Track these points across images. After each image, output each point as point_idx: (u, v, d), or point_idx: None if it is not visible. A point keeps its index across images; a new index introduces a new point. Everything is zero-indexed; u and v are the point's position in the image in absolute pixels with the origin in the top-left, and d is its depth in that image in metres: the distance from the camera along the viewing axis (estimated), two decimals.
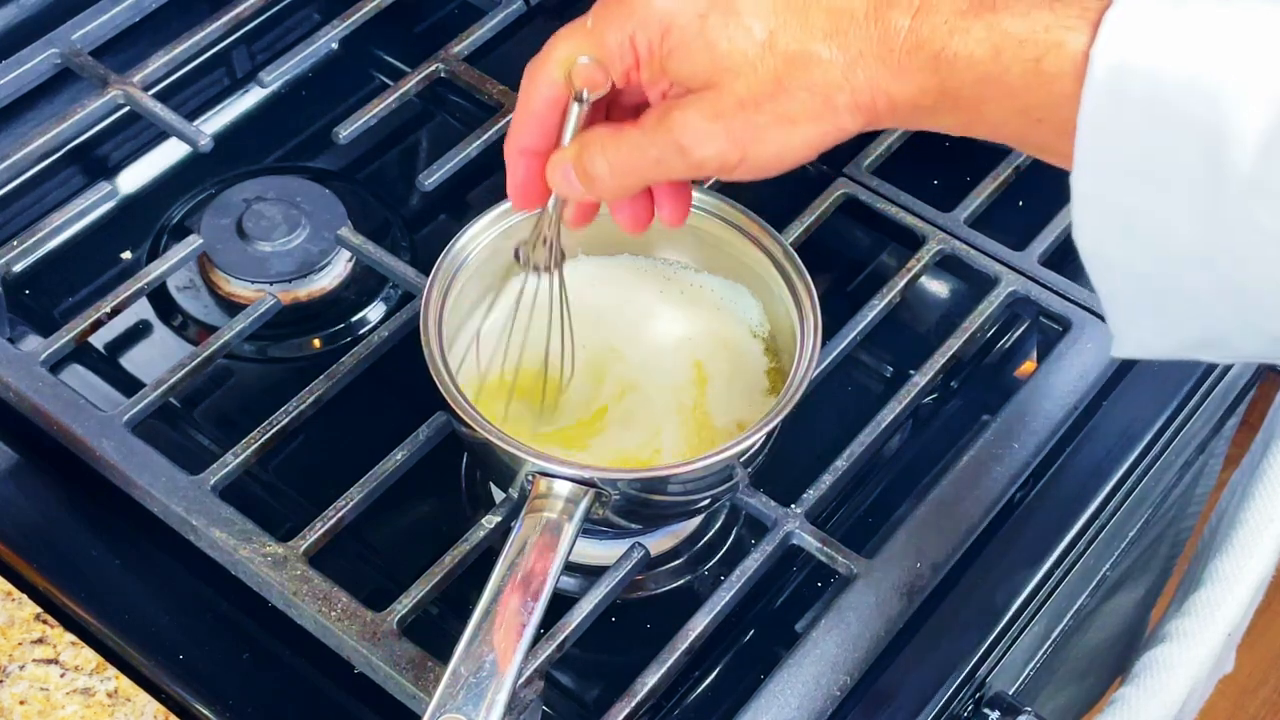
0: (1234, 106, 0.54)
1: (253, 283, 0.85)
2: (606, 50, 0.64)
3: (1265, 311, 0.57)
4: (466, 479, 0.81)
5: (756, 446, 0.71)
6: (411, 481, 0.76)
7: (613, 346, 0.78)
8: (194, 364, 0.79)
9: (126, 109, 0.91)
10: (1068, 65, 0.57)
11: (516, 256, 0.73)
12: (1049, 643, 0.91)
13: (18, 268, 0.85)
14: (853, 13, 0.61)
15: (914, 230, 0.87)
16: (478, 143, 0.89)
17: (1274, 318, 0.58)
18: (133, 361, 0.85)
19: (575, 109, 0.65)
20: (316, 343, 0.87)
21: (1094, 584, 0.93)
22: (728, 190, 0.78)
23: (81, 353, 0.83)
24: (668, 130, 0.63)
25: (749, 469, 0.74)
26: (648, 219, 0.71)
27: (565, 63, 0.65)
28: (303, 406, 0.77)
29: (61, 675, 0.71)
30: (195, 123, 0.91)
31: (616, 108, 0.69)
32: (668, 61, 0.63)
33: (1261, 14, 0.55)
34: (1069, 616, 0.92)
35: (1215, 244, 0.56)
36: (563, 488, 0.68)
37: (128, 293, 0.82)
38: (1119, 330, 0.63)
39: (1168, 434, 0.85)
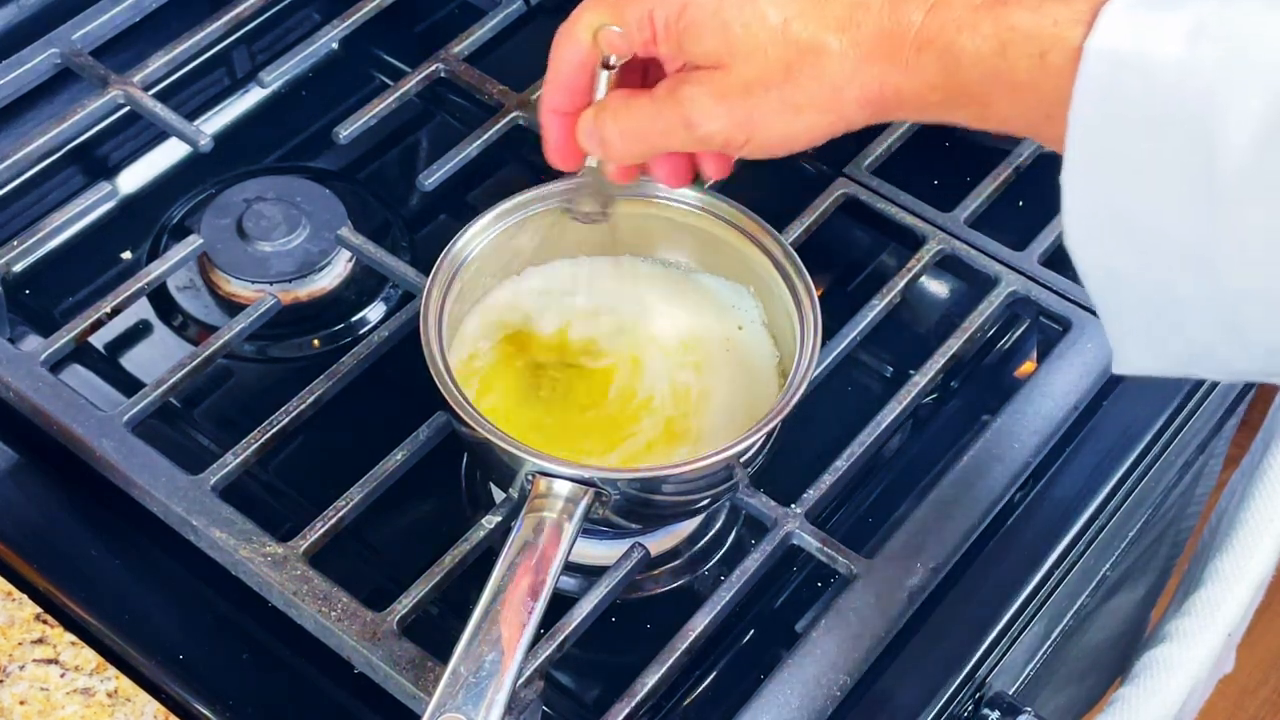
0: (1227, 102, 0.53)
1: (253, 283, 0.85)
2: (625, 23, 0.65)
3: (1255, 321, 0.56)
4: (466, 479, 0.81)
5: (756, 446, 0.71)
6: (411, 481, 0.76)
7: (613, 348, 0.78)
8: (194, 364, 0.79)
9: (126, 109, 0.91)
10: (1070, 59, 0.56)
11: (567, 211, 0.76)
12: (1049, 643, 0.90)
13: (18, 268, 0.85)
14: (869, 3, 0.61)
15: (914, 230, 0.87)
16: (478, 143, 0.89)
17: (1263, 327, 0.56)
18: (133, 361, 0.85)
19: (603, 74, 0.67)
20: (316, 343, 0.87)
21: (1094, 584, 0.93)
22: (727, 190, 0.78)
23: (81, 353, 0.83)
24: (676, 104, 0.64)
25: (749, 469, 0.74)
26: (687, 176, 0.72)
27: (591, 28, 0.66)
28: (303, 406, 0.77)
29: (61, 675, 0.71)
30: (195, 123, 0.91)
31: (655, 72, 0.69)
32: (683, 39, 0.64)
33: (1261, 13, 0.54)
34: (1069, 616, 0.91)
35: (1205, 246, 0.55)
36: (563, 487, 0.68)
37: (128, 293, 0.82)
38: (1116, 344, 0.62)
39: (1168, 434, 0.85)
